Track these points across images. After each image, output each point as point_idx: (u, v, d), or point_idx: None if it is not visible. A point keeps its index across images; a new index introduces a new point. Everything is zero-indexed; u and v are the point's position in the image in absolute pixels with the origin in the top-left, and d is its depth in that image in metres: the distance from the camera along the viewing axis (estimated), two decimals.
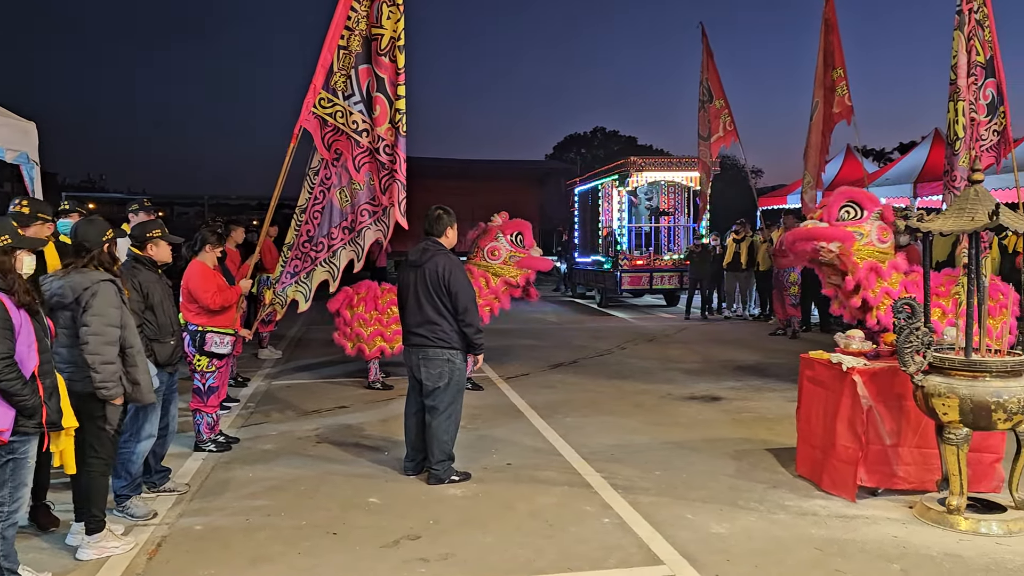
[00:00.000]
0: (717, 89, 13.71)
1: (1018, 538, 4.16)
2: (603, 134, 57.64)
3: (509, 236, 8.04)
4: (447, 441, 5.20)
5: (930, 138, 15.75)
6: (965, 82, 7.65)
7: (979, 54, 8.02)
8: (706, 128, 13.94)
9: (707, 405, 7.49)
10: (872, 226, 6.76)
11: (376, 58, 6.09)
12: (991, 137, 8.25)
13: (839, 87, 10.77)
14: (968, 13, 7.77)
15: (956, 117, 7.59)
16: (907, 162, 16.20)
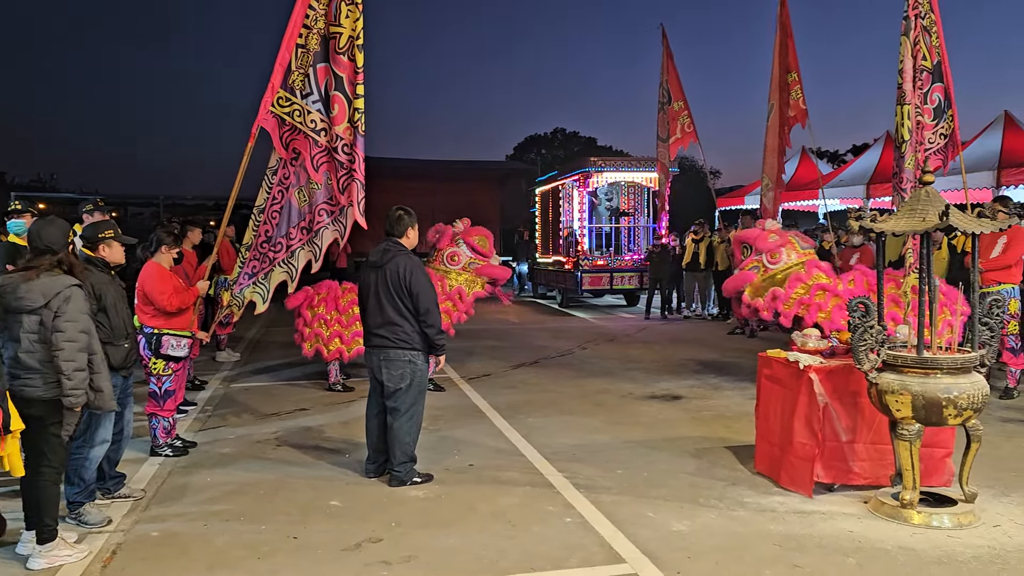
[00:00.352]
0: (677, 90, 13.82)
1: (968, 531, 4.27)
2: (563, 135, 57.87)
3: (469, 242, 8.01)
4: (409, 443, 5.17)
5: (882, 140, 16.12)
6: (911, 86, 7.81)
7: (926, 59, 8.20)
8: (665, 130, 14.05)
9: (667, 404, 7.56)
10: (761, 258, 7.59)
11: (334, 56, 6.03)
12: (938, 140, 8.44)
13: (794, 90, 10.92)
14: (914, 19, 7.93)
15: (902, 120, 7.76)
16: (860, 164, 16.56)
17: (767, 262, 7.55)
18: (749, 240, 7.78)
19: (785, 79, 10.96)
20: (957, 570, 3.80)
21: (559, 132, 58.21)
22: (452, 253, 7.98)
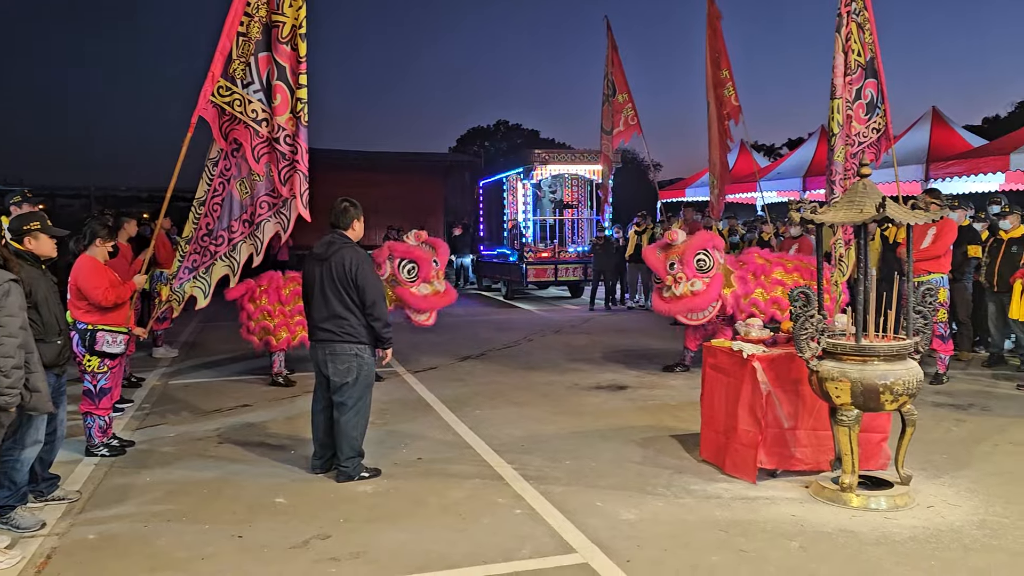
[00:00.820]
0: (621, 83, 13.90)
1: (904, 512, 4.42)
2: (506, 127, 57.88)
3: (399, 261, 7.72)
4: (356, 437, 5.11)
5: (817, 134, 16.55)
6: (841, 81, 8.01)
7: (860, 55, 8.41)
8: (609, 122, 14.13)
9: (613, 394, 7.64)
10: (717, 254, 7.98)
11: (277, 46, 5.89)
12: (872, 134, 8.68)
13: (726, 87, 11.12)
14: (847, 15, 8.12)
15: (833, 115, 7.96)
16: (796, 157, 16.98)
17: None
18: (706, 246, 7.90)
19: (719, 76, 11.15)
20: (894, 550, 3.92)
21: (502, 124, 58.22)
22: (412, 267, 7.79)
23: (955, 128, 14.11)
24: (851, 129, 8.23)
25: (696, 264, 7.80)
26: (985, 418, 6.47)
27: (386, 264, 7.69)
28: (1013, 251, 8.09)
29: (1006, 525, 4.22)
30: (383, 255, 7.73)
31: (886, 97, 8.67)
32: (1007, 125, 27.69)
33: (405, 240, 7.93)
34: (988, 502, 4.56)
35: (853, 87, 8.22)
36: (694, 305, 7.85)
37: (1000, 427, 6.18)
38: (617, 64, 14.28)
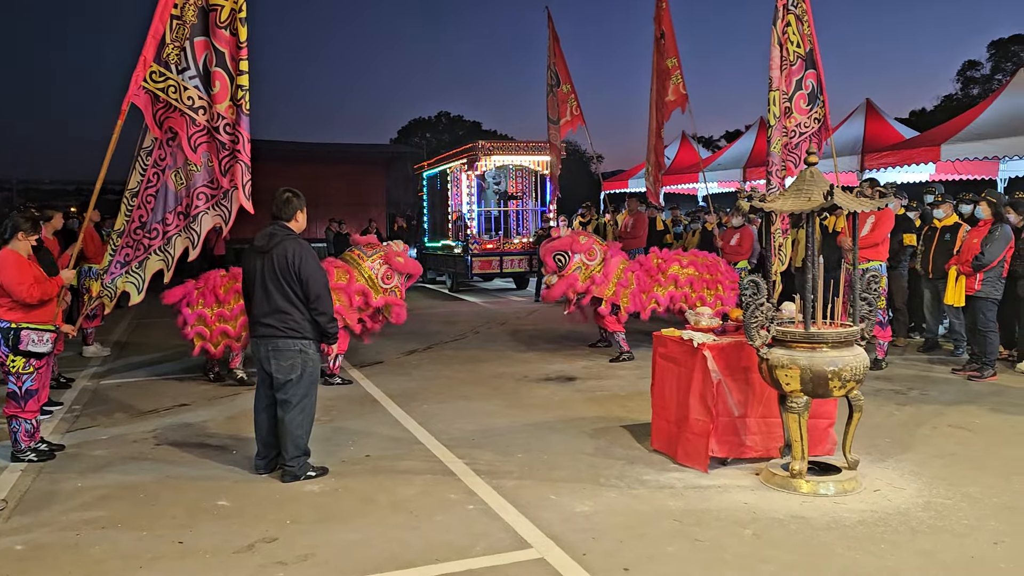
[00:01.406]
0: (564, 73, 13.88)
1: (852, 496, 4.48)
2: (448, 118, 57.65)
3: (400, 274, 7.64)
4: (301, 436, 4.95)
5: (756, 126, 16.80)
6: (778, 73, 8.11)
7: (799, 46, 8.51)
8: (555, 112, 14.10)
9: (562, 385, 7.60)
10: (577, 260, 8.49)
11: (215, 30, 5.65)
12: (813, 124, 8.83)
13: (674, 75, 11.17)
14: (783, 9, 8.22)
15: (770, 107, 8.06)
16: (736, 148, 17.21)
17: (586, 260, 8.48)
18: (564, 248, 8.53)
19: (665, 64, 11.21)
20: (845, 534, 3.96)
21: (443, 116, 57.95)
22: (389, 273, 7.56)
23: (888, 120, 14.47)
24: (788, 121, 8.34)
25: (555, 260, 8.53)
26: (924, 402, 6.63)
27: (397, 278, 7.60)
28: (946, 239, 8.32)
29: (950, 507, 4.30)
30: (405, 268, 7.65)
31: (824, 88, 8.81)
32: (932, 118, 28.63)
33: (393, 248, 7.71)
34: (932, 484, 4.65)
35: (793, 78, 8.32)
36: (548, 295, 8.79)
37: (939, 410, 6.33)
38: (559, 55, 14.26)
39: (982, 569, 3.57)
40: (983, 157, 11.35)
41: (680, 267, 8.81)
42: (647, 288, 8.72)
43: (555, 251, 8.58)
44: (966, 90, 39.88)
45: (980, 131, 11.07)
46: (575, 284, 8.46)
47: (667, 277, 8.76)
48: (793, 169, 8.16)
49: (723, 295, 8.76)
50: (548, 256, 8.60)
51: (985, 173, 13.51)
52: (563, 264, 8.49)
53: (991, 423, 5.97)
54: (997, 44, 39.43)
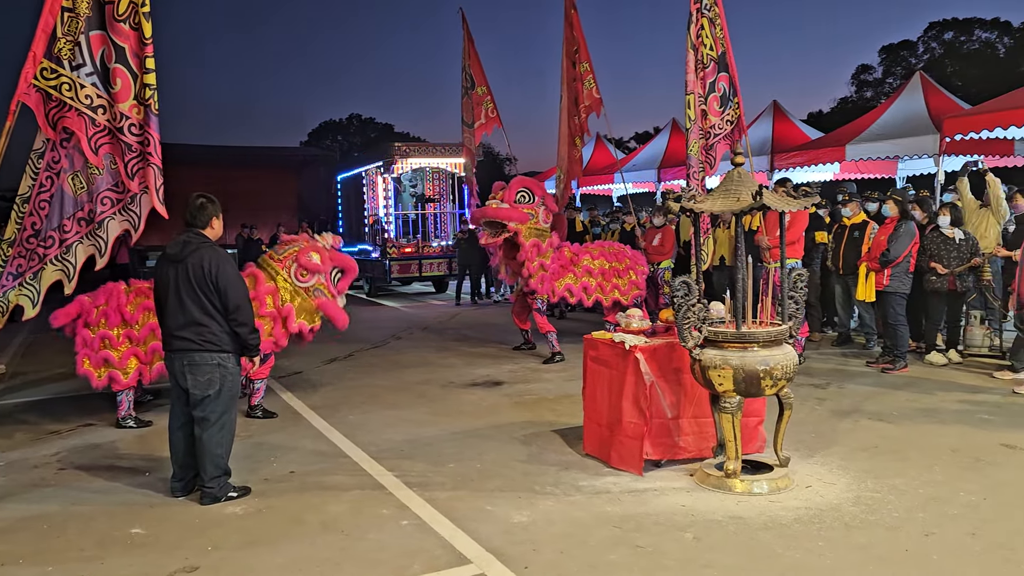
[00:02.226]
0: (479, 75, 13.77)
1: (785, 494, 4.52)
2: (359, 121, 56.94)
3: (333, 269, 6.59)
4: (221, 455, 4.68)
5: (668, 127, 17.12)
6: (693, 76, 8.23)
7: (712, 49, 8.66)
8: (470, 115, 13.97)
9: (489, 391, 7.49)
10: (540, 209, 8.55)
11: (112, 24, 5.30)
12: (726, 126, 9.00)
13: (587, 80, 11.21)
14: (696, 12, 8.35)
15: (686, 109, 8.18)
16: (650, 149, 17.48)
17: (542, 218, 8.61)
18: (533, 188, 8.66)
19: (577, 69, 11.22)
20: (783, 533, 3.98)
21: (355, 118, 57.19)
22: (303, 268, 6.39)
23: (794, 121, 14.96)
24: (704, 123, 8.47)
25: (516, 196, 8.54)
26: (843, 396, 6.82)
27: (321, 275, 6.53)
28: (855, 236, 8.60)
29: (879, 500, 4.39)
30: (326, 265, 6.51)
31: (738, 90, 8.97)
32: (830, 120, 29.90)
33: (322, 239, 6.78)
34: (859, 478, 4.75)
35: (707, 80, 8.45)
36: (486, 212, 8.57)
37: (857, 404, 6.51)
38: (474, 57, 14.13)
39: (916, 561, 3.64)
40: (884, 157, 11.84)
41: (591, 259, 9.02)
42: (559, 276, 8.82)
43: (524, 186, 8.61)
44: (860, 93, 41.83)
45: (881, 132, 11.55)
46: (522, 220, 8.39)
47: (581, 268, 8.93)
48: (710, 170, 8.30)
49: (636, 279, 9.11)
50: (514, 188, 8.54)
51: (885, 172, 14.15)
52: (526, 200, 8.50)
53: (908, 414, 6.18)
54: (887, 49, 41.50)
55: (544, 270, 8.64)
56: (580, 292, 8.94)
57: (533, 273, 8.57)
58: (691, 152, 8.19)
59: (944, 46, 39.68)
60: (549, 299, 8.87)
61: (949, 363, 7.95)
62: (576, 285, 8.91)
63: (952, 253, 7.90)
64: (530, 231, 8.50)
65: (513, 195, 8.49)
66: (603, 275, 9.00)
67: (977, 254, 7.94)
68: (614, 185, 17.65)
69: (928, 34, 40.42)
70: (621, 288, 9.01)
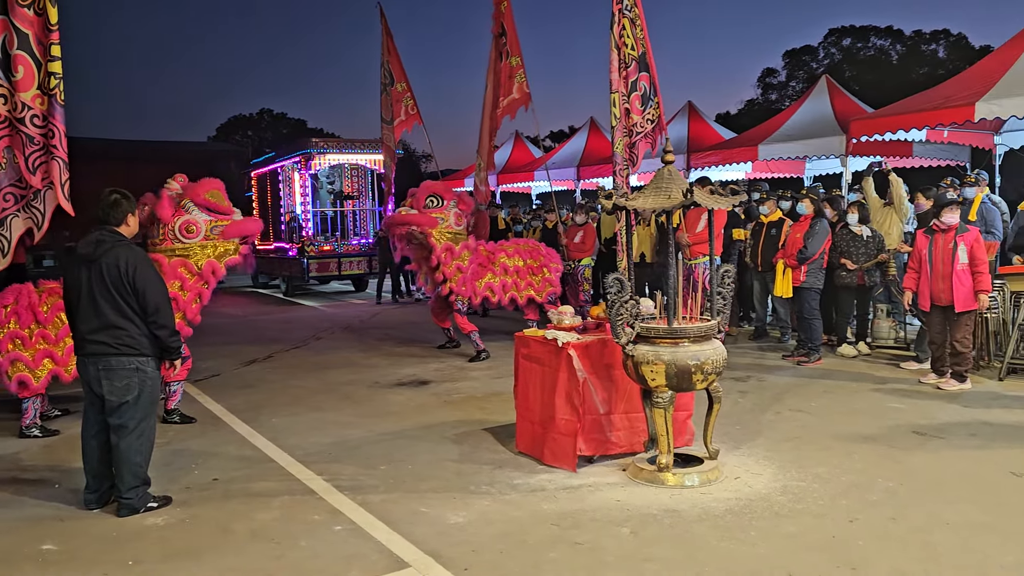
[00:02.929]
0: (398, 71, 13.56)
1: (716, 485, 4.61)
2: (271, 116, 55.60)
3: (201, 202, 6.19)
4: (140, 463, 4.46)
5: (587, 126, 17.31)
6: (617, 75, 8.35)
7: (633, 49, 8.79)
8: (389, 111, 13.75)
9: (417, 390, 7.40)
10: (450, 212, 8.49)
11: (15, 8, 4.97)
12: (647, 125, 9.15)
13: (517, 74, 11.20)
14: (618, 13, 8.46)
15: (611, 108, 8.29)
16: (569, 147, 17.62)
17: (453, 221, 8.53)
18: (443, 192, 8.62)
19: (507, 63, 11.21)
20: (716, 524, 4.06)
21: (266, 113, 55.82)
22: (186, 223, 6.09)
23: (709, 121, 15.36)
24: (628, 121, 8.59)
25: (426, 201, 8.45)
26: (763, 388, 7.02)
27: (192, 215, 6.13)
28: (772, 234, 8.87)
29: (804, 489, 4.53)
30: (167, 209, 6.08)
31: (658, 89, 9.12)
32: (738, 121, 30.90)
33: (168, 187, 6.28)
34: (784, 468, 4.89)
35: (629, 80, 8.57)
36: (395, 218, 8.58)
37: (777, 395, 6.72)
38: (393, 52, 13.92)
39: (843, 547, 3.77)
40: (793, 157, 12.27)
41: (507, 256, 9.07)
42: (480, 276, 8.82)
43: (432, 191, 8.53)
44: (766, 95, 43.35)
45: (790, 133, 11.96)
46: (431, 225, 8.38)
47: (498, 267, 8.97)
48: (633, 168, 8.43)
49: (550, 276, 9.17)
50: (423, 193, 8.46)
51: (794, 172, 14.69)
52: (435, 204, 8.44)
53: (825, 404, 6.41)
54: (791, 54, 43.12)
55: (462, 272, 8.59)
56: (500, 291, 8.95)
57: (450, 277, 8.54)
58: (617, 150, 8.29)
59: (843, 52, 41.56)
60: (471, 300, 8.83)
61: (859, 355, 8.30)
62: (496, 283, 8.93)
63: (860, 250, 8.25)
64: (441, 234, 8.45)
65: (422, 200, 8.42)
66: (518, 273, 9.04)
67: (883, 250, 8.32)
68: (534, 183, 17.73)
69: (828, 40, 42.23)
70: (535, 286, 9.06)
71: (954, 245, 6.74)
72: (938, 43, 39.72)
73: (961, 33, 38.99)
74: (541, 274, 9.13)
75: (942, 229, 6.86)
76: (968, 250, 6.70)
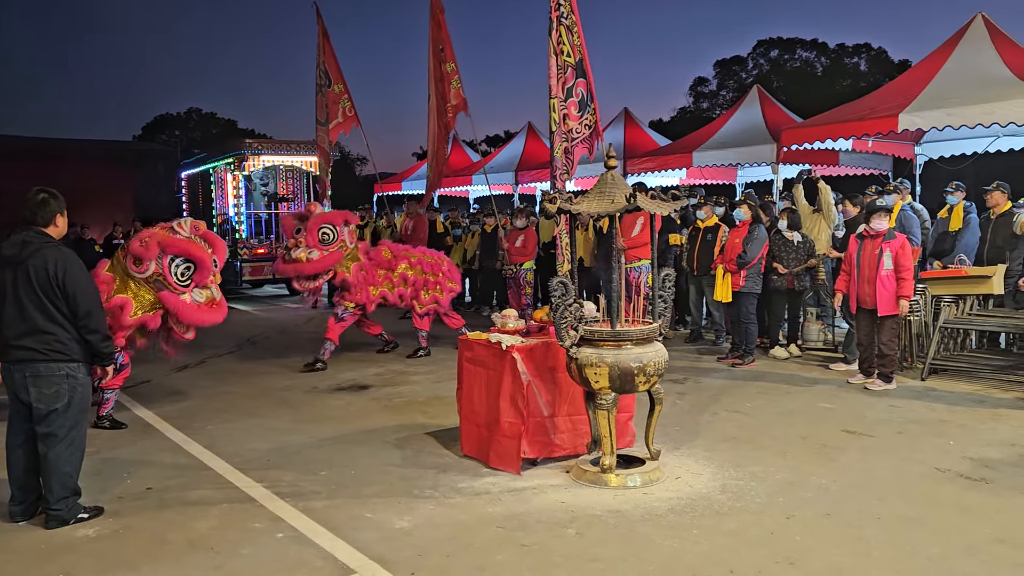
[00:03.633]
0: (335, 72, 13.39)
1: (658, 486, 4.69)
2: (199, 115, 54.32)
3: (171, 259, 6.09)
4: (70, 473, 4.29)
5: (525, 130, 17.42)
6: (555, 82, 8.43)
7: (569, 56, 8.88)
8: (324, 113, 13.57)
9: (356, 395, 7.32)
10: (345, 232, 8.37)
11: None
12: (584, 131, 9.26)
13: (453, 80, 11.21)
14: (556, 20, 8.54)
15: (550, 113, 8.37)
16: (507, 151, 17.70)
17: (349, 241, 8.45)
18: (335, 222, 8.38)
19: (443, 68, 11.21)
20: (660, 524, 4.13)
21: (194, 112, 54.55)
22: (139, 255, 6.02)
23: (644, 128, 15.63)
24: (566, 127, 8.67)
25: (320, 236, 8.20)
26: (700, 390, 7.17)
27: (153, 262, 6.03)
28: (708, 239, 9.08)
29: (743, 487, 4.64)
30: (152, 250, 6.02)
31: (595, 95, 9.23)
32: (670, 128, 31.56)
33: (178, 231, 6.21)
34: (723, 467, 5.00)
35: (566, 86, 8.65)
36: (303, 270, 8.26)
37: (714, 397, 6.87)
38: (330, 53, 13.73)
39: (782, 542, 3.88)
40: (726, 164, 12.58)
41: (408, 266, 8.94)
42: (375, 282, 8.71)
43: (324, 223, 8.28)
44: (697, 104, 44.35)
45: (723, 141, 12.27)
46: (336, 261, 8.30)
47: (397, 276, 8.84)
48: (570, 173, 8.51)
49: (439, 295, 9.05)
50: (315, 228, 8.21)
51: (727, 178, 15.07)
52: (330, 237, 8.24)
53: (759, 405, 6.58)
54: (721, 64, 44.23)
55: (364, 271, 8.58)
56: (396, 299, 8.86)
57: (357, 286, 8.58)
58: (555, 155, 8.36)
59: (771, 63, 42.83)
60: (366, 307, 8.71)
61: (790, 357, 8.55)
62: (392, 293, 8.80)
63: (791, 254, 8.50)
64: (347, 263, 8.43)
65: (316, 238, 8.20)
66: (414, 284, 8.92)
67: (813, 255, 8.59)
68: (472, 187, 17.74)
69: (757, 51, 43.47)
70: (421, 299, 9.00)
71: (880, 251, 7.01)
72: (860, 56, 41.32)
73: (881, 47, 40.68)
74: (434, 290, 9.02)
75: (871, 235, 7.13)
76: (893, 256, 6.98)
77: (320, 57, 13.86)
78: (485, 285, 13.04)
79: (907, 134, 9.68)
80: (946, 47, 9.78)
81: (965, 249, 8.57)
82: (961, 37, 9.68)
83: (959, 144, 11.59)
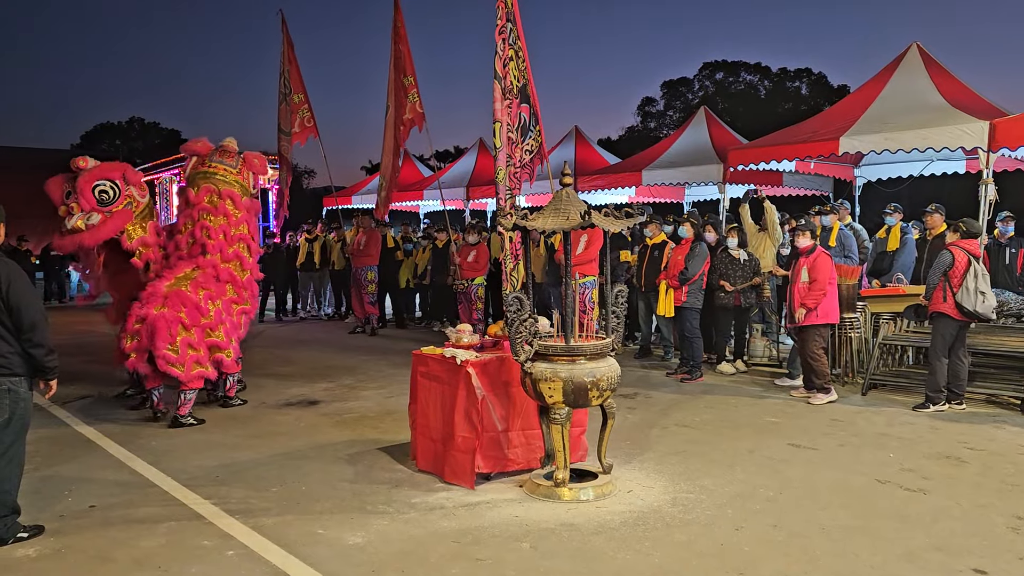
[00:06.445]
0: (297, 82, 13.18)
1: (611, 499, 4.74)
2: (141, 125, 53.31)
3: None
4: (10, 491, 4.16)
5: (476, 147, 17.50)
6: (500, 105, 8.50)
7: (516, 80, 8.97)
8: (287, 122, 13.39)
9: (306, 410, 7.23)
10: (133, 189, 6.84)
11: None
12: (526, 156, 9.34)
13: (411, 94, 11.23)
14: (502, 43, 8.63)
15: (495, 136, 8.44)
16: (459, 167, 17.75)
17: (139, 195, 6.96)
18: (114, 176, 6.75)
19: (401, 82, 11.23)
20: (612, 536, 4.17)
21: (136, 121, 53.57)
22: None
23: (594, 146, 15.84)
24: (510, 149, 8.74)
25: (97, 195, 6.60)
26: (650, 404, 7.27)
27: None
28: (655, 256, 9.24)
29: (693, 500, 4.72)
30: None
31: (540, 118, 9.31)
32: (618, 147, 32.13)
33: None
34: (673, 480, 5.08)
35: (511, 110, 8.72)
36: (84, 241, 6.61)
37: (663, 411, 6.98)
38: (293, 62, 13.52)
39: (731, 553, 3.96)
40: (674, 183, 12.83)
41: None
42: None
43: (99, 178, 6.62)
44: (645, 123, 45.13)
45: (672, 160, 12.50)
46: (127, 219, 6.77)
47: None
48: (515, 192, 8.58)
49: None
50: (87, 186, 6.54)
51: (674, 197, 15.34)
52: (112, 195, 6.67)
53: (707, 419, 6.71)
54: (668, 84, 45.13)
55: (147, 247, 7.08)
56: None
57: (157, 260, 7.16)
58: (499, 179, 8.41)
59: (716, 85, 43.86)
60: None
61: (737, 372, 8.73)
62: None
63: (738, 272, 8.70)
64: (135, 224, 6.93)
65: (91, 198, 6.56)
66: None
67: (758, 273, 8.81)
68: (422, 202, 17.72)
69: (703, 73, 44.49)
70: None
71: (801, 267, 7.31)
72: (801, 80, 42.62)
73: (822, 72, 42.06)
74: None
75: (799, 253, 7.43)
76: (809, 269, 7.25)
77: (284, 65, 13.64)
78: (436, 300, 13.02)
79: (847, 156, 10.00)
80: (884, 74, 10.18)
81: (903, 268, 8.89)
82: (898, 65, 10.09)
83: (896, 167, 12.04)
